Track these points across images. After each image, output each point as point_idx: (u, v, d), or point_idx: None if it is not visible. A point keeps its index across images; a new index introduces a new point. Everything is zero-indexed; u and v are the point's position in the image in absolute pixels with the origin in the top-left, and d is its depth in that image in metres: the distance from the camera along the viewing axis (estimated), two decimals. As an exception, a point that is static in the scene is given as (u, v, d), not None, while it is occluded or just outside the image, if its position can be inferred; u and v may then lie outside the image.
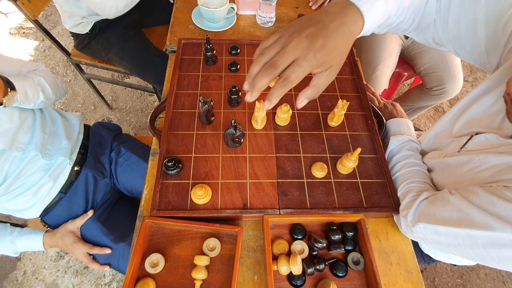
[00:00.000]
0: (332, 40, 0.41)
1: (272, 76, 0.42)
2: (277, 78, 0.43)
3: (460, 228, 0.49)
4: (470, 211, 0.49)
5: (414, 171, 0.66)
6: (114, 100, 1.86)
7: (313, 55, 0.40)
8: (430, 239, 0.55)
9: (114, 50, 1.18)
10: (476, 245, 0.48)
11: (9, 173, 0.72)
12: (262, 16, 0.96)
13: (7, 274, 1.33)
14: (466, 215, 0.49)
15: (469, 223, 0.48)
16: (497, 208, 0.46)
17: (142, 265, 0.59)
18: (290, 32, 0.42)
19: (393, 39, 1.23)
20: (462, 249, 0.51)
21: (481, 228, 0.46)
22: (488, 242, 0.46)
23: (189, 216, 0.61)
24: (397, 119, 0.76)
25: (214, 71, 0.82)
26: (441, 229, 0.52)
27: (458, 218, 0.50)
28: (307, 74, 0.42)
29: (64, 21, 1.15)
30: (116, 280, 1.33)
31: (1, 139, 0.67)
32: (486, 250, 0.47)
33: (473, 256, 0.50)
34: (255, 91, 0.44)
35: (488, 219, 0.46)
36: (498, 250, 0.46)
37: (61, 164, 0.81)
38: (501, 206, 0.46)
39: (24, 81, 0.70)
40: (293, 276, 0.58)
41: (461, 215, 0.50)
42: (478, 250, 0.48)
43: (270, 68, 0.41)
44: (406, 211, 0.59)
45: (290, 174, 0.67)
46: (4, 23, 2.18)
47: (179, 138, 0.70)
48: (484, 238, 0.47)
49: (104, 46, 1.19)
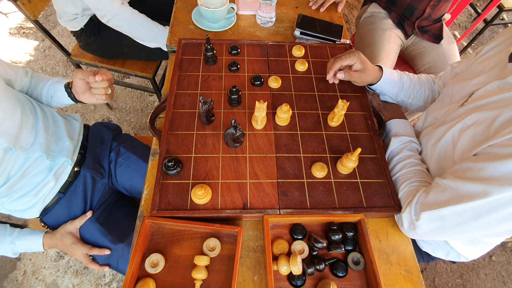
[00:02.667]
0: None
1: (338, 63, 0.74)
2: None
3: (462, 203, 0.51)
4: (466, 186, 0.51)
5: (415, 171, 0.66)
6: (114, 100, 1.85)
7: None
8: (434, 228, 0.56)
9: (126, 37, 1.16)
10: (480, 215, 0.50)
11: (12, 173, 0.71)
12: (262, 16, 0.96)
13: (7, 274, 1.33)
14: (464, 191, 0.51)
15: (469, 197, 0.50)
16: (488, 171, 0.49)
17: (142, 265, 0.59)
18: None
19: (391, 39, 1.23)
20: (468, 225, 0.52)
21: (481, 197, 0.48)
22: (490, 207, 0.48)
23: (189, 216, 0.61)
24: (397, 119, 0.77)
25: (214, 71, 0.82)
26: (444, 211, 0.53)
27: (458, 196, 0.52)
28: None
29: (59, 16, 1.15)
30: (116, 280, 1.33)
31: (5, 137, 0.67)
32: (491, 216, 0.49)
33: (480, 228, 0.52)
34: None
35: (485, 186, 0.48)
36: (501, 211, 0.48)
37: (62, 165, 0.81)
38: (491, 169, 0.48)
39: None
40: (293, 276, 0.58)
41: (460, 193, 0.52)
42: (483, 219, 0.50)
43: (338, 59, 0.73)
44: (408, 208, 0.60)
45: (290, 174, 0.67)
46: (4, 23, 2.18)
47: (179, 138, 0.70)
48: (485, 205, 0.48)
49: (114, 37, 1.19)
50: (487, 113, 0.55)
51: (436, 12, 1.19)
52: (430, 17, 1.21)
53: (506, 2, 1.79)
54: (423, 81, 0.83)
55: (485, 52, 0.67)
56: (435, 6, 1.16)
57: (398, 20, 1.26)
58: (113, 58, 1.33)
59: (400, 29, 1.27)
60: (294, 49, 0.87)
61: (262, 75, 0.81)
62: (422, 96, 0.83)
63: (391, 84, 0.80)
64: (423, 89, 0.83)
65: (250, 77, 0.82)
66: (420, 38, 1.28)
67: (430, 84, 0.84)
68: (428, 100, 0.84)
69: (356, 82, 0.77)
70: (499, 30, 2.45)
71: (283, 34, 0.98)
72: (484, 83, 0.60)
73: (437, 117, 0.72)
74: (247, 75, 0.82)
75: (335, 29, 0.96)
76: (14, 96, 0.72)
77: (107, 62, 1.32)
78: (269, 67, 0.85)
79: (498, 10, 1.81)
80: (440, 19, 1.25)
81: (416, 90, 0.83)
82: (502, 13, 1.83)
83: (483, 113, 0.56)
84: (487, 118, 0.55)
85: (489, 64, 0.63)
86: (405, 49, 1.36)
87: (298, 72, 0.84)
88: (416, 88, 0.82)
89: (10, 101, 0.70)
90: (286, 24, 1.01)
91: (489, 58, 0.65)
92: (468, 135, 0.57)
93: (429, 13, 1.18)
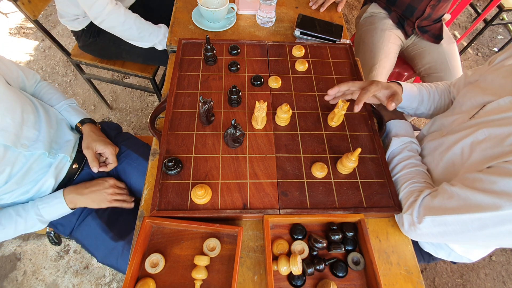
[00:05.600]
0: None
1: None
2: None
3: (468, 213, 0.50)
4: (475, 196, 0.50)
5: (416, 171, 0.66)
6: (114, 100, 1.86)
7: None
8: (436, 232, 0.56)
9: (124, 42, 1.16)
10: (486, 226, 0.49)
11: (15, 171, 0.71)
12: (262, 16, 0.96)
13: (7, 274, 1.33)
14: (472, 201, 0.50)
15: (477, 208, 0.49)
16: (500, 185, 0.48)
17: (142, 265, 0.59)
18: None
19: (391, 40, 1.23)
20: (471, 234, 0.51)
21: (490, 210, 0.48)
22: (498, 220, 0.48)
23: (189, 216, 0.61)
24: (397, 120, 0.77)
25: (214, 71, 0.82)
26: (449, 219, 0.53)
27: (466, 205, 0.51)
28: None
29: (61, 16, 1.15)
30: (116, 280, 1.33)
31: (3, 134, 0.67)
32: (496, 229, 0.48)
33: (483, 238, 0.51)
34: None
35: (495, 199, 0.47)
36: (509, 226, 0.47)
37: (61, 161, 0.81)
38: (504, 183, 0.47)
39: None
40: (293, 276, 0.58)
41: (468, 202, 0.51)
42: (488, 231, 0.49)
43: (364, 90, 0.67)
44: (411, 209, 0.59)
45: (290, 174, 0.67)
46: (4, 23, 2.18)
47: (179, 138, 0.70)
48: (493, 218, 0.48)
49: (113, 40, 1.19)
50: (499, 129, 0.54)
51: (436, 12, 1.19)
52: (430, 17, 1.21)
53: (506, 2, 1.79)
54: (441, 90, 0.81)
55: (498, 62, 0.66)
56: (435, 6, 1.16)
57: (398, 20, 1.26)
58: (112, 60, 1.33)
59: (400, 29, 1.27)
60: (294, 49, 0.87)
61: (262, 75, 0.81)
62: (442, 106, 0.82)
63: (410, 99, 0.78)
64: (443, 99, 0.81)
65: (250, 77, 0.82)
66: (420, 38, 1.28)
67: (448, 92, 0.81)
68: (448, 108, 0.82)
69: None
70: (499, 30, 2.45)
71: (283, 34, 0.98)
72: (496, 95, 0.59)
73: (444, 124, 0.70)
74: (247, 75, 0.82)
75: (335, 29, 0.96)
76: (14, 95, 0.72)
77: (107, 62, 1.32)
78: (269, 67, 0.85)
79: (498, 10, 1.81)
80: (440, 19, 1.25)
81: (436, 100, 0.81)
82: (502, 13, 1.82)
83: (495, 129, 0.54)
84: (499, 134, 0.54)
85: (501, 75, 0.62)
86: (405, 49, 1.36)
87: (298, 72, 0.84)
88: (436, 99, 0.81)
89: (9, 100, 0.70)
90: (286, 24, 1.01)
91: (501, 68, 0.63)
92: (479, 149, 0.56)
93: (429, 13, 1.18)
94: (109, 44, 1.22)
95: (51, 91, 0.88)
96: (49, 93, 0.87)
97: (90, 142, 0.83)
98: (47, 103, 0.85)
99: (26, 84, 0.83)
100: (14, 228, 0.73)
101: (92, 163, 0.82)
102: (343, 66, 0.87)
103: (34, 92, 0.87)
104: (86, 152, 0.82)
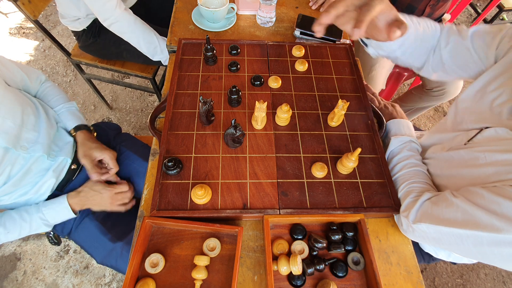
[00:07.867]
0: None
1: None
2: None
3: (465, 229, 0.49)
4: (475, 212, 0.49)
5: (415, 171, 0.66)
6: (114, 100, 1.86)
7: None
8: (431, 238, 0.55)
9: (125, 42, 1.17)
10: (480, 244, 0.48)
11: (14, 173, 0.71)
12: (262, 16, 0.96)
13: (7, 274, 1.33)
14: (471, 217, 0.49)
15: (474, 225, 0.48)
16: (503, 208, 0.46)
17: (142, 265, 0.59)
18: None
19: None
20: (465, 248, 0.51)
21: (487, 230, 0.46)
22: (494, 241, 0.47)
23: (189, 216, 0.61)
24: (397, 119, 0.76)
25: (214, 71, 0.82)
26: (444, 230, 0.52)
27: (463, 220, 0.50)
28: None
29: (61, 16, 1.15)
30: (116, 280, 1.33)
31: (4, 136, 0.67)
32: (491, 248, 0.48)
33: (475, 254, 0.51)
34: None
35: (494, 220, 0.46)
36: (503, 249, 0.46)
37: (61, 163, 0.81)
38: (507, 206, 0.46)
39: None
40: (293, 276, 0.58)
41: (466, 217, 0.50)
42: (482, 249, 0.48)
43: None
44: (408, 211, 0.59)
45: (290, 174, 0.67)
46: (4, 23, 2.18)
47: (179, 138, 0.70)
48: (490, 238, 0.47)
49: (113, 41, 1.19)
50: (500, 155, 0.53)
51: (436, 12, 1.19)
52: (430, 16, 1.21)
53: (506, 2, 1.80)
54: (427, 36, 0.68)
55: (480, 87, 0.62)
56: (434, 6, 1.16)
57: (398, 20, 1.25)
58: (112, 60, 1.33)
59: None
60: (294, 49, 0.87)
61: (262, 75, 0.81)
62: (423, 56, 0.70)
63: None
64: (425, 45, 0.68)
65: (250, 77, 0.82)
66: (420, 38, 1.28)
67: (435, 38, 0.68)
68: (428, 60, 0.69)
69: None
70: (499, 30, 2.45)
71: (283, 34, 0.98)
72: (494, 121, 0.57)
73: (443, 139, 0.69)
74: (247, 75, 0.82)
75: (335, 29, 0.96)
76: (14, 96, 0.72)
77: (107, 62, 1.32)
78: (269, 67, 0.85)
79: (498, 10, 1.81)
80: (440, 18, 1.25)
81: (418, 47, 0.68)
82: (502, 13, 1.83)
83: (497, 155, 0.54)
84: (501, 160, 0.53)
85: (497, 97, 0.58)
86: (405, 49, 1.35)
87: (298, 72, 0.84)
88: (421, 44, 0.68)
89: (10, 102, 0.70)
90: (286, 24, 1.01)
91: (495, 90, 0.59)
92: (482, 172, 0.55)
93: (429, 12, 1.18)
94: (110, 44, 1.23)
95: (53, 92, 0.88)
96: (50, 95, 0.87)
97: (87, 151, 0.82)
98: (47, 105, 0.85)
99: (29, 85, 0.83)
100: (18, 232, 0.74)
101: (91, 171, 0.81)
102: (343, 66, 0.87)
103: (37, 93, 0.87)
104: (84, 161, 0.82)
